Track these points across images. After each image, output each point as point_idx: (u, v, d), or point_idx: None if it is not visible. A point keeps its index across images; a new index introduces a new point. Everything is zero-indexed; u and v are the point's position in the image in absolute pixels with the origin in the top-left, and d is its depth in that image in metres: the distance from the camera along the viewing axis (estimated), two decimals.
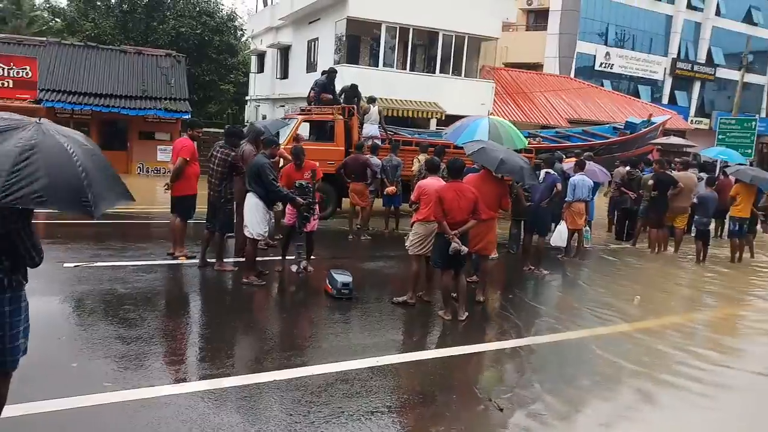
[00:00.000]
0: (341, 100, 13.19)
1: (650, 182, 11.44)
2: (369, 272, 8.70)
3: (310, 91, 13.61)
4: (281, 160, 9.03)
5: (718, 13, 38.06)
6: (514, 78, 28.14)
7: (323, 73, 13.72)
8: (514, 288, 8.43)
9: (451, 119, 19.59)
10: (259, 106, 30.76)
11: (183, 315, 6.24)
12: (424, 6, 21.58)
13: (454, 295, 6.59)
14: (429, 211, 6.57)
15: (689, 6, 36.62)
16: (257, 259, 7.59)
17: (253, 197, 7.19)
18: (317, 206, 7.83)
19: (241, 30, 33.19)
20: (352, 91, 13.33)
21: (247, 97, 33.09)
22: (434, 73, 22.72)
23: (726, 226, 12.50)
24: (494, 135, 9.49)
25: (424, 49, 23.88)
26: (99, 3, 27.57)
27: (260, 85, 30.99)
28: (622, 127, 17.41)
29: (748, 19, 39.71)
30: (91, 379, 4.32)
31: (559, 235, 10.63)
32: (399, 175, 11.45)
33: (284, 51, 27.83)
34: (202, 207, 8.12)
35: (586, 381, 5.12)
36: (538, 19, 34.19)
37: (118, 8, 27.22)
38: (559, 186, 9.42)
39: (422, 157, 10.87)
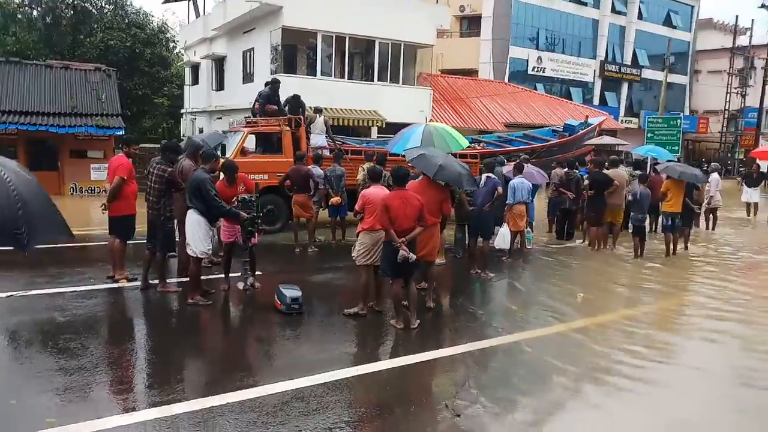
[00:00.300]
0: (286, 111, 13.11)
1: (586, 182, 11.84)
2: (318, 285, 8.63)
3: (254, 103, 13.45)
4: (221, 174, 8.86)
5: (640, 16, 39.87)
6: (450, 84, 28.61)
7: (266, 84, 13.58)
8: (462, 292, 8.55)
9: (392, 127, 19.79)
10: (195, 119, 30.11)
11: (127, 341, 6.01)
12: (359, 14, 21.69)
13: (405, 303, 6.62)
14: (374, 219, 6.59)
15: (614, 10, 38.19)
16: (202, 277, 7.42)
17: (195, 214, 7.00)
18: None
19: (174, 42, 32.43)
20: (295, 101, 13.28)
21: (182, 111, 32.34)
22: (373, 81, 22.87)
23: (659, 221, 13.04)
24: (426, 141, 9.71)
25: (362, 58, 23.99)
26: (20, 16, 26.38)
27: (195, 97, 30.37)
28: (561, 129, 18.00)
29: (668, 22, 41.78)
30: (33, 416, 4.12)
31: (502, 238, 10.85)
32: (343, 185, 11.43)
33: (219, 62, 27.39)
34: (141, 226, 7.87)
35: (530, 383, 5.24)
36: (471, 25, 34.93)
37: (41, 21, 26.12)
38: (500, 189, 9.62)
39: (367, 166, 10.89)
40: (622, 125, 35.46)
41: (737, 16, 39.05)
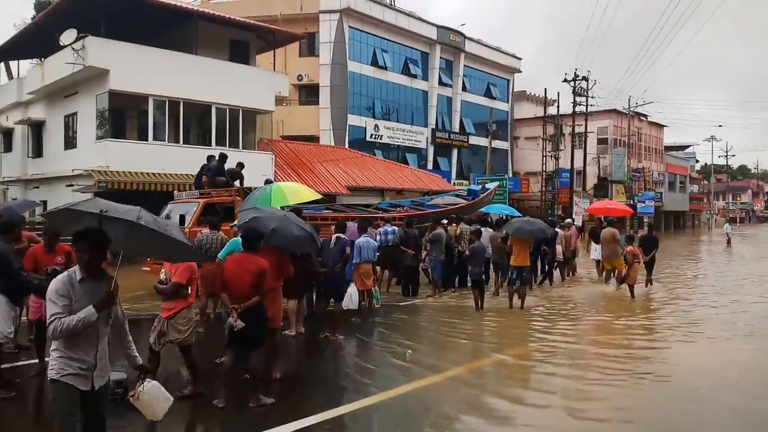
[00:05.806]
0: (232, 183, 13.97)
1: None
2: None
3: (201, 176, 14.40)
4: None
5: (464, 88, 43.37)
6: (292, 150, 28.62)
7: (210, 158, 14.54)
8: (313, 358, 8.12)
9: None
10: (7, 189, 27.03)
11: None
12: (193, 79, 21.12)
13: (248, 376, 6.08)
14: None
15: (440, 83, 41.17)
16: (3, 366, 6.27)
17: None
18: None
19: None
20: (239, 168, 14.60)
21: None
22: (210, 146, 22.09)
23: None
24: (250, 200, 10.39)
25: (198, 122, 23.24)
26: None
27: (8, 165, 27.34)
28: (466, 194, 20.63)
29: (488, 93, 45.90)
30: None
31: (349, 298, 10.62)
32: None
33: (36, 127, 25.06)
34: None
35: None
36: (309, 94, 35.58)
37: None
38: (349, 250, 9.53)
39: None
40: (456, 188, 37.59)
41: (546, 89, 43.84)
